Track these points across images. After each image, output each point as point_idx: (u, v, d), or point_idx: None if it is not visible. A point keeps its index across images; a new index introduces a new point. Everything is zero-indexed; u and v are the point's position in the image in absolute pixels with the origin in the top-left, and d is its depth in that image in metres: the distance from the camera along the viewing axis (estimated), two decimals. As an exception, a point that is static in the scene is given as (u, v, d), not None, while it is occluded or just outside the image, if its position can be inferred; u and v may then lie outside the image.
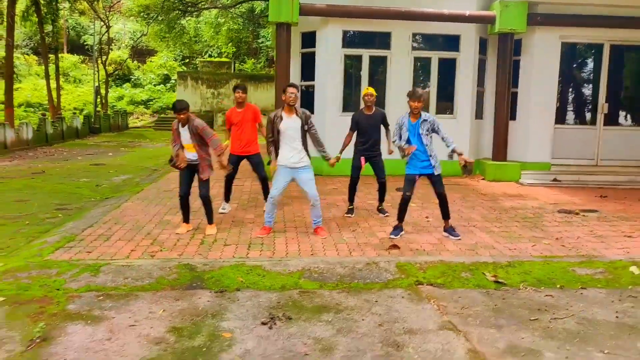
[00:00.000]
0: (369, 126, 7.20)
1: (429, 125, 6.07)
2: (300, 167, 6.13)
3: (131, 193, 9.31)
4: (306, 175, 6.17)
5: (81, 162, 14.92)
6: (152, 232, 6.44)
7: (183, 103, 6.23)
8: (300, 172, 6.15)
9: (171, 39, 36.80)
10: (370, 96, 7.17)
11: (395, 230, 6.40)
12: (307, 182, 6.18)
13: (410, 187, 6.26)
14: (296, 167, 6.13)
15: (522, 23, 10.27)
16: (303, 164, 6.14)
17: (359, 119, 7.25)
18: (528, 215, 7.62)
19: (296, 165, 6.12)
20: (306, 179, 6.17)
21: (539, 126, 10.82)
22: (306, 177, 6.17)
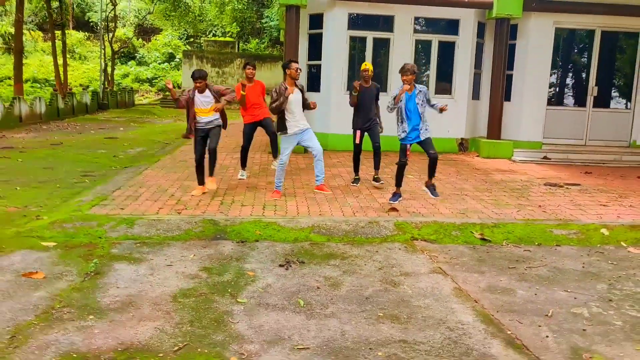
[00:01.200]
0: (366, 98, 7.79)
1: (423, 95, 6.70)
2: (304, 130, 7.00)
3: (149, 163, 10.00)
4: (309, 134, 7.05)
5: (95, 136, 15.57)
6: (175, 194, 7.14)
7: (202, 72, 7.01)
8: (303, 134, 7.01)
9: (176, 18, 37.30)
10: (366, 71, 7.78)
11: (394, 197, 7.09)
12: (310, 138, 7.05)
13: (404, 154, 6.90)
14: (300, 131, 6.97)
15: (518, 9, 10.86)
16: (306, 127, 7.03)
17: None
18: (516, 187, 8.32)
19: (301, 130, 6.97)
20: (309, 136, 7.04)
21: (531, 107, 11.47)
22: (309, 135, 7.05)
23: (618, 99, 11.94)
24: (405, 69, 6.59)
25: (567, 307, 4.09)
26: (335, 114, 11.09)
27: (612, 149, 11.46)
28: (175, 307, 3.89)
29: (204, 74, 6.98)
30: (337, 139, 11.24)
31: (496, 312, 3.98)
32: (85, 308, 3.82)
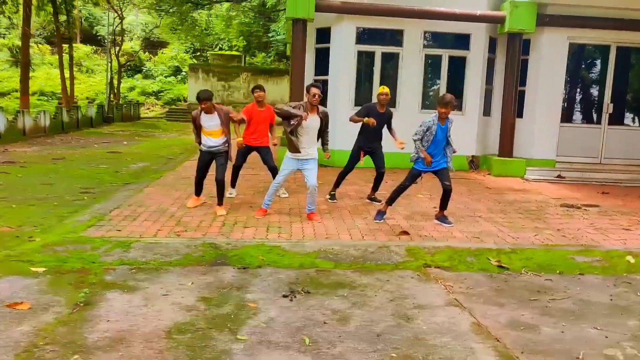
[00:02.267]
0: (379, 124, 7.52)
1: (451, 125, 6.43)
2: (306, 159, 6.59)
3: (151, 179, 9.71)
4: (310, 166, 6.62)
5: (98, 150, 15.34)
6: (176, 215, 6.83)
7: (207, 92, 6.77)
8: (305, 164, 6.61)
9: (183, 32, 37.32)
10: (385, 95, 7.50)
11: (379, 215, 6.78)
12: (310, 170, 6.62)
13: (412, 179, 6.59)
14: (304, 159, 6.58)
15: (532, 23, 10.58)
16: (310, 157, 6.60)
17: (371, 112, 7.58)
18: (531, 208, 7.97)
19: (304, 157, 6.57)
20: (309, 168, 6.62)
21: (545, 124, 11.15)
22: (310, 166, 6.62)
23: (634, 116, 11.59)
24: (445, 101, 6.27)
25: (599, 347, 3.73)
26: (341, 130, 10.75)
27: (629, 168, 11.10)
28: (169, 345, 3.55)
29: (209, 95, 6.73)
30: (343, 156, 10.76)
31: (520, 352, 3.62)
32: (71, 345, 3.49)
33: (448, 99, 6.32)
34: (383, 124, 7.61)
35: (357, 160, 7.71)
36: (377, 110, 7.58)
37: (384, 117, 7.60)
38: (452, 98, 6.37)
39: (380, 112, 7.58)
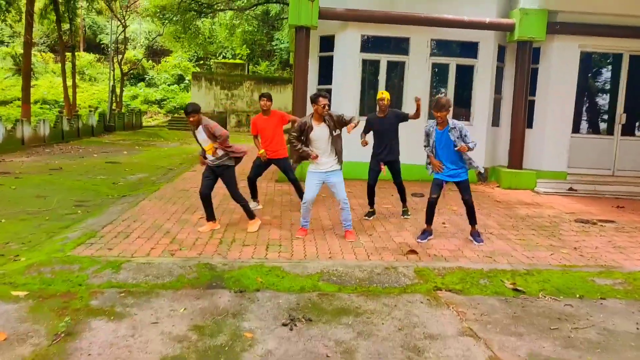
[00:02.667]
0: (384, 130, 7.23)
1: (458, 132, 6.07)
2: (330, 172, 6.20)
3: (148, 192, 9.39)
4: (335, 179, 6.22)
5: (97, 160, 15.05)
6: (171, 231, 6.50)
7: (194, 106, 6.28)
8: (330, 176, 6.21)
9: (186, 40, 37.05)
10: (383, 100, 7.18)
11: (423, 235, 6.45)
12: (336, 184, 6.22)
13: (436, 190, 6.30)
14: (327, 171, 6.19)
15: (542, 31, 10.25)
16: (333, 168, 6.20)
17: (372, 121, 7.30)
18: (545, 224, 7.60)
19: (327, 170, 6.19)
20: (335, 182, 6.22)
21: (555, 135, 10.79)
22: (335, 180, 6.22)
23: (648, 127, 11.23)
24: (438, 105, 5.98)
25: (632, 388, 3.36)
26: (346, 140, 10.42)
27: (643, 180, 10.71)
28: (154, 385, 3.20)
29: (196, 108, 6.26)
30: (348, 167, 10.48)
31: (545, 394, 3.26)
32: (45, 385, 3.15)
33: (442, 103, 6.00)
34: (391, 128, 7.27)
35: (378, 171, 7.33)
36: (377, 117, 7.27)
37: (389, 121, 7.24)
38: (446, 101, 6.03)
39: (380, 117, 7.26)
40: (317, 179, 6.22)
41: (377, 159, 7.33)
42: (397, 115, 7.32)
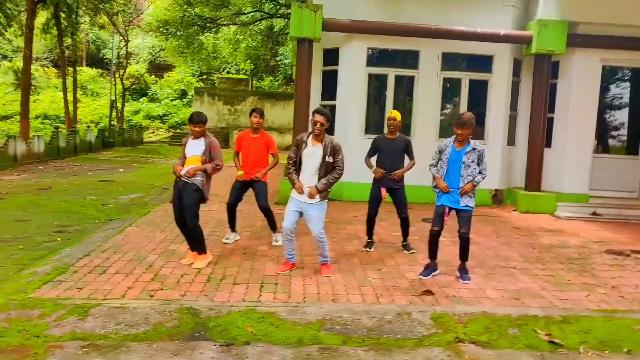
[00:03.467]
0: (390, 152, 6.52)
1: (476, 156, 5.38)
2: (309, 202, 5.41)
3: (137, 215, 8.69)
4: (313, 212, 5.41)
5: (90, 178, 14.39)
6: (155, 265, 5.77)
7: (202, 116, 5.79)
8: (308, 208, 5.42)
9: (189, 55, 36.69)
10: (393, 120, 6.50)
11: (425, 270, 5.70)
12: (311, 219, 5.42)
13: (439, 220, 5.56)
14: (306, 201, 5.42)
15: (562, 44, 9.56)
16: (313, 199, 5.40)
17: (379, 142, 6.60)
18: (573, 256, 6.83)
19: (304, 200, 5.42)
20: (312, 216, 5.41)
21: (576, 154, 10.05)
22: (312, 213, 5.41)
23: (676, 147, 10.47)
24: (461, 121, 5.31)
25: None
26: (351, 160, 9.65)
27: (672, 204, 9.93)
28: None
29: (204, 119, 5.73)
30: (353, 188, 9.87)
31: None
32: None
33: (465, 119, 5.32)
34: (397, 153, 6.56)
35: (379, 199, 6.59)
36: (386, 138, 6.58)
37: (396, 145, 6.55)
38: (470, 117, 5.35)
39: (390, 138, 6.56)
40: (295, 206, 5.47)
41: (379, 185, 6.59)
42: (406, 143, 6.59)
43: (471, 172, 5.39)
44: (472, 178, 5.39)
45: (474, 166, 5.38)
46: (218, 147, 5.81)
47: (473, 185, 5.40)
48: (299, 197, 5.42)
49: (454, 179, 5.45)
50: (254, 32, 34.67)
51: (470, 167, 5.38)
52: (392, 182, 6.51)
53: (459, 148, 5.43)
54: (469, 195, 5.42)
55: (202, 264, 5.77)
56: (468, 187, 5.38)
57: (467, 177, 5.39)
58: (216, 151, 5.76)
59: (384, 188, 6.53)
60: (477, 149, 5.39)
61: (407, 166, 6.61)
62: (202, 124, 5.69)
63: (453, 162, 5.43)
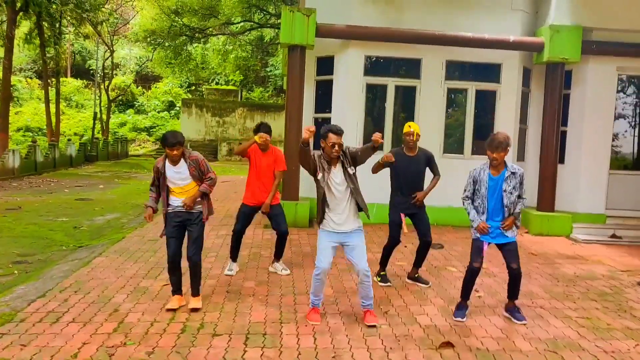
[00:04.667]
0: (410, 172, 5.68)
1: (517, 181, 4.62)
2: (347, 231, 4.57)
3: (110, 241, 7.78)
4: (355, 240, 4.58)
5: (66, 196, 13.42)
6: (121, 309, 4.85)
7: (178, 135, 4.85)
8: (348, 237, 4.58)
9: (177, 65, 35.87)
10: (411, 135, 5.64)
11: (460, 310, 4.90)
12: (355, 248, 4.56)
13: (479, 255, 4.76)
14: (343, 231, 4.57)
15: (576, 51, 8.81)
16: (352, 227, 4.58)
17: (397, 159, 5.71)
18: (603, 290, 6.00)
19: (342, 230, 4.57)
20: (356, 245, 4.57)
21: (591, 171, 9.28)
22: (355, 241, 4.57)
23: (698, 162, 9.72)
24: (494, 144, 4.56)
25: None
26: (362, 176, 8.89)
27: (696, 224, 9.16)
28: None
29: (180, 139, 4.82)
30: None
31: None
32: None
33: (499, 140, 4.55)
34: (418, 171, 5.75)
35: (400, 223, 5.74)
36: (405, 155, 5.72)
37: (417, 163, 5.73)
38: (505, 138, 4.59)
39: (410, 156, 5.71)
40: (332, 240, 4.59)
41: (399, 209, 5.74)
42: (428, 158, 5.79)
43: (514, 200, 4.61)
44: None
45: (516, 192, 4.60)
46: (204, 160, 4.97)
47: (514, 219, 4.63)
48: (336, 227, 4.56)
49: (495, 212, 4.66)
50: (243, 43, 33.95)
51: (512, 195, 4.62)
52: (413, 206, 5.68)
53: (495, 175, 4.64)
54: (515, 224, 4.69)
55: (198, 304, 4.92)
56: (509, 223, 4.63)
57: (511, 206, 4.63)
58: (204, 165, 4.92)
59: (403, 214, 5.69)
60: (517, 173, 4.64)
61: (430, 185, 5.80)
62: (180, 145, 4.79)
63: (492, 192, 4.63)
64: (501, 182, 4.61)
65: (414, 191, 5.69)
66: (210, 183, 4.91)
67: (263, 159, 6.02)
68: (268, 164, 6.04)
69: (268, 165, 6.04)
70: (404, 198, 5.68)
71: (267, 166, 6.04)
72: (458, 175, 8.98)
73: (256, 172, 6.05)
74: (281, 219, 6.11)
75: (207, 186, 4.89)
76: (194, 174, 4.86)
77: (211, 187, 4.93)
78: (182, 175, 4.88)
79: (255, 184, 6.05)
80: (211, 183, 4.92)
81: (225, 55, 35.65)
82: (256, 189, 6.04)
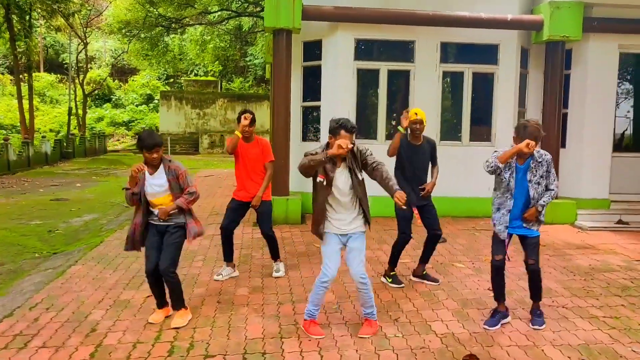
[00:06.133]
0: (416, 161, 5.30)
1: (544, 169, 4.17)
2: (350, 233, 4.10)
3: (87, 246, 7.18)
4: (357, 245, 4.10)
5: (41, 197, 12.70)
6: (99, 327, 4.29)
7: (156, 136, 4.31)
8: (350, 240, 4.11)
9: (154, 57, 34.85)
10: (420, 123, 5.21)
11: (493, 318, 4.42)
12: (352, 250, 4.09)
13: (501, 249, 4.31)
14: (347, 232, 4.10)
15: (577, 29, 8.35)
16: (355, 228, 4.11)
17: (404, 150, 5.27)
18: (625, 283, 5.58)
19: (347, 230, 4.10)
20: (353, 246, 4.10)
21: (594, 154, 8.86)
22: (354, 244, 4.10)
23: None
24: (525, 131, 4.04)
25: None
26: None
27: None
28: None
29: (159, 140, 4.25)
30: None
31: None
32: None
33: (532, 127, 4.04)
34: (424, 161, 5.40)
35: (410, 218, 5.30)
36: (410, 144, 5.32)
37: (423, 152, 5.37)
38: (537, 128, 4.05)
39: (415, 145, 5.30)
40: (333, 243, 4.09)
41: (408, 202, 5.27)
42: (432, 146, 5.48)
43: (542, 191, 4.15)
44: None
45: (543, 182, 4.13)
46: (184, 172, 4.35)
47: (538, 211, 4.16)
48: (341, 227, 4.07)
49: (519, 204, 4.20)
50: (221, 32, 33.07)
51: (540, 186, 4.17)
52: (421, 199, 5.27)
53: (521, 164, 4.15)
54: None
55: (182, 321, 4.37)
56: (530, 214, 4.18)
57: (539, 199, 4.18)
58: (184, 178, 4.33)
59: (415, 207, 5.28)
60: (544, 160, 4.17)
61: (434, 176, 5.49)
62: (159, 146, 4.22)
63: (520, 184, 4.16)
64: (526, 172, 4.14)
65: (421, 182, 5.32)
66: (189, 198, 4.28)
67: (249, 149, 5.48)
68: (256, 156, 5.50)
69: (256, 156, 5.50)
70: (411, 190, 5.22)
71: (256, 158, 5.50)
72: (456, 163, 8.54)
73: (244, 165, 5.50)
74: (265, 218, 5.59)
75: (184, 201, 4.27)
76: (171, 184, 4.27)
77: (189, 202, 4.30)
78: (158, 184, 4.29)
79: (244, 178, 5.52)
80: (190, 198, 4.29)
81: (203, 46, 34.73)
82: (246, 183, 5.51)
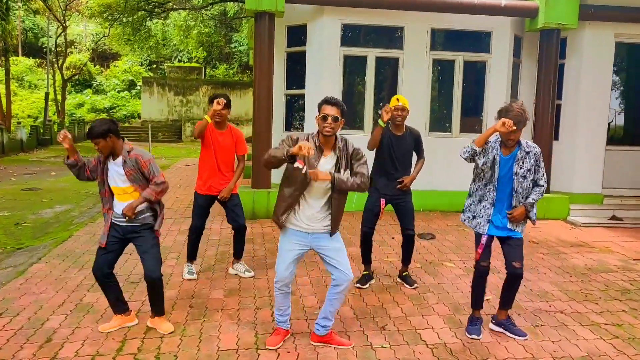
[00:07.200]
0: (399, 154, 4.90)
1: (533, 161, 3.78)
2: (322, 232, 3.60)
3: (55, 241, 6.73)
4: (333, 243, 3.62)
5: (12, 186, 12.15)
6: (55, 337, 3.87)
7: (104, 124, 3.79)
8: (323, 239, 3.60)
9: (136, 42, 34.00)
10: (402, 110, 4.80)
11: (473, 325, 4.07)
12: (336, 252, 3.60)
13: (487, 255, 3.93)
14: (316, 231, 3.59)
15: (574, 16, 8.00)
16: (321, 228, 3.60)
17: (383, 136, 4.86)
18: (624, 285, 5.29)
19: (315, 229, 3.59)
20: (334, 248, 3.61)
21: (588, 148, 8.58)
22: (334, 245, 3.61)
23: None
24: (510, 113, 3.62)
25: None
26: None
27: (698, 202, 8.59)
28: None
29: (105, 129, 3.74)
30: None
31: None
32: None
33: (515, 111, 3.63)
34: (406, 152, 4.97)
35: (378, 213, 4.92)
36: (392, 134, 4.89)
37: (405, 143, 4.95)
38: (521, 112, 3.64)
39: (396, 135, 4.88)
40: (299, 243, 3.62)
41: (379, 195, 4.91)
42: (416, 137, 5.06)
43: (527, 187, 3.77)
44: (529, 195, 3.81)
45: (531, 176, 3.75)
46: (148, 161, 3.86)
47: (526, 210, 3.78)
48: (304, 228, 3.58)
49: (503, 199, 3.82)
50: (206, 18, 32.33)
51: (526, 180, 3.78)
52: (398, 191, 4.86)
53: (506, 154, 3.77)
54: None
55: (170, 326, 4.00)
56: (519, 214, 3.78)
57: (525, 194, 3.80)
58: (147, 166, 3.84)
59: (384, 199, 4.87)
60: (532, 152, 3.80)
61: (416, 169, 5.09)
62: (104, 136, 3.72)
63: (504, 175, 3.78)
64: (512, 163, 3.76)
65: (401, 175, 4.90)
66: (156, 189, 3.82)
67: (220, 138, 5.03)
68: (228, 146, 5.07)
69: (228, 146, 5.07)
70: (388, 182, 4.86)
71: (227, 148, 5.07)
72: (445, 155, 8.19)
73: (213, 155, 5.05)
74: (240, 211, 5.21)
75: (152, 191, 3.81)
76: (131, 176, 3.82)
77: (158, 193, 3.84)
78: (118, 175, 3.86)
79: (211, 169, 5.07)
80: (157, 189, 3.83)
81: (187, 32, 33.92)
82: (213, 175, 5.07)
